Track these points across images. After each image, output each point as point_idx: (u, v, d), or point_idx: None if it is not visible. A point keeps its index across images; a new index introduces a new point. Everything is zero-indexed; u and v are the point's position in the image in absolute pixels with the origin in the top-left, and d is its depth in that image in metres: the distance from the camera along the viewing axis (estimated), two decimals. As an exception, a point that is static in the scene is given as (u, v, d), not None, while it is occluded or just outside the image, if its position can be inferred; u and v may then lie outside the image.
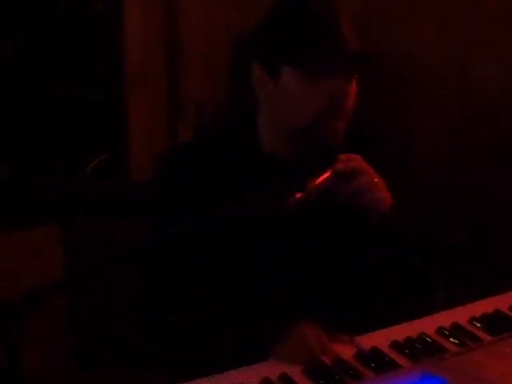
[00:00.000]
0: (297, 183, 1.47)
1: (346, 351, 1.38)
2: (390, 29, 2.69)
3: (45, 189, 2.65)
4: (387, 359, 1.36)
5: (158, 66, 2.86)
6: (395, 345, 1.41)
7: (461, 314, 1.52)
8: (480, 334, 1.46)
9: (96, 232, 2.12)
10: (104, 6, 2.77)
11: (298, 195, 1.42)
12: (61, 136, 2.72)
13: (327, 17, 1.49)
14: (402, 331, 1.45)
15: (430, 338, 1.44)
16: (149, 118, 2.87)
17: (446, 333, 1.46)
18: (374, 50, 2.50)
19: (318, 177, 1.48)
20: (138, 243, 1.43)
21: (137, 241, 1.58)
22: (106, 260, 1.36)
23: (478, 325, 1.49)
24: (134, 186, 2.53)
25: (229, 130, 1.65)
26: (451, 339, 1.44)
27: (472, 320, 1.50)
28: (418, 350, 1.40)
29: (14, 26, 2.65)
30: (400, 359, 1.37)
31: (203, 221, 1.45)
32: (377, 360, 1.36)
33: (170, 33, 2.85)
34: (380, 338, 1.42)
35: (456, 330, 1.47)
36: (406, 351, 1.39)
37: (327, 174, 1.48)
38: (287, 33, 1.51)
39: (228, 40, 2.78)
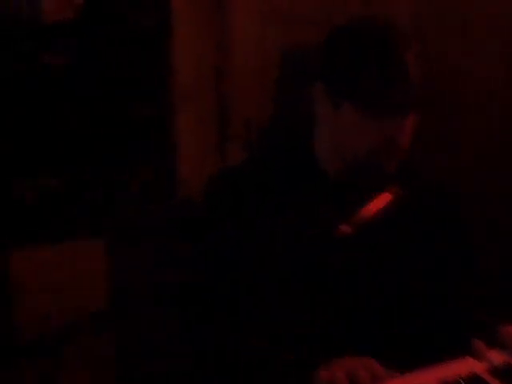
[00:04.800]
0: (348, 207, 1.43)
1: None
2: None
3: (91, 204, 2.65)
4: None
5: (207, 81, 2.85)
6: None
7: None
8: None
9: (141, 252, 2.09)
10: (155, 21, 2.76)
11: (346, 227, 1.38)
12: (110, 152, 2.72)
13: (397, 56, 1.44)
14: (452, 371, 1.39)
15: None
16: (198, 133, 2.85)
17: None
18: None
19: (371, 204, 1.44)
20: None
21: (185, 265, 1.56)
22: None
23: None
24: (181, 205, 2.51)
25: (283, 147, 1.64)
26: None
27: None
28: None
29: (66, 40, 2.66)
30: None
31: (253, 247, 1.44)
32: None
33: (220, 49, 2.83)
34: (429, 378, 1.36)
35: None
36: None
37: (387, 198, 1.45)
38: (351, 68, 1.46)
39: (278, 56, 2.75)
